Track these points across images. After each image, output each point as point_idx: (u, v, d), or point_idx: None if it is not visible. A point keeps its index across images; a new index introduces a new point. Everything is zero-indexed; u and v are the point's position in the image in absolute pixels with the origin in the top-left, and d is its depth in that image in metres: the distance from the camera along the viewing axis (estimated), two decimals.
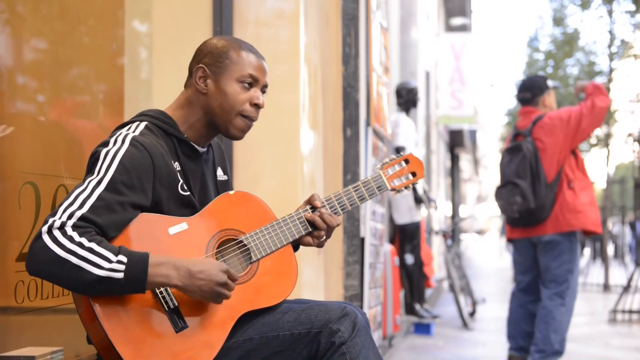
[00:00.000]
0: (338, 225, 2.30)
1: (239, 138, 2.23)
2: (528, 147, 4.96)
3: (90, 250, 1.86)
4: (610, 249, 22.13)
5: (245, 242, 2.17)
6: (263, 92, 2.24)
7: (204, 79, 2.19)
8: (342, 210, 2.33)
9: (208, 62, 2.19)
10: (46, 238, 1.86)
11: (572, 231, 4.90)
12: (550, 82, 5.25)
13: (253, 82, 2.20)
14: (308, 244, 2.30)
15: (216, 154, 2.36)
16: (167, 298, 2.00)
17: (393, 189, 2.43)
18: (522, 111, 5.23)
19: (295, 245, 2.33)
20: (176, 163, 2.14)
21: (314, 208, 2.29)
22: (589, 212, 4.90)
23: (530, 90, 5.20)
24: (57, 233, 1.86)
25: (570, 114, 4.94)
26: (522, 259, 5.17)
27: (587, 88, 5.05)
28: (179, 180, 2.13)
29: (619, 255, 20.58)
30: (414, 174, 2.47)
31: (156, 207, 2.06)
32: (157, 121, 2.15)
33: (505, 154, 5.21)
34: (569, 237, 4.93)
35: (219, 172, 2.35)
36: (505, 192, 5.00)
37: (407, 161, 2.46)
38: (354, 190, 2.35)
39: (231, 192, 2.25)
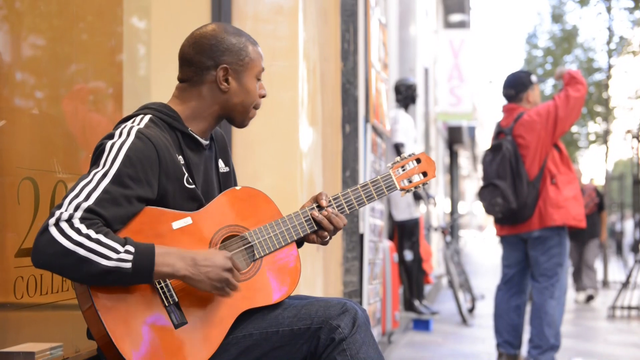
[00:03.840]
0: (345, 225, 2.29)
1: (243, 126, 2.30)
2: (507, 146, 4.97)
3: (98, 241, 1.86)
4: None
5: (249, 239, 2.16)
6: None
7: (226, 78, 2.19)
8: (349, 209, 2.31)
9: (229, 60, 2.18)
10: (53, 230, 1.85)
11: (559, 225, 4.92)
12: (534, 78, 5.24)
13: (261, 75, 2.27)
14: (312, 242, 2.30)
15: (218, 145, 2.34)
16: (168, 293, 2.00)
17: (402, 189, 2.39)
18: (506, 108, 5.23)
19: (300, 242, 2.33)
20: (180, 156, 2.13)
21: (320, 206, 2.28)
22: (571, 207, 4.92)
23: (514, 87, 5.19)
24: (64, 225, 1.86)
25: (548, 109, 4.95)
26: (510, 253, 5.20)
27: (564, 77, 5.06)
28: (184, 174, 2.12)
29: (622, 251, 20.54)
30: (424, 174, 2.43)
31: (162, 201, 2.06)
32: (161, 114, 2.15)
33: (487, 152, 5.22)
34: (557, 232, 4.96)
35: (220, 163, 2.33)
36: (487, 193, 5.03)
37: (418, 160, 2.42)
38: (362, 190, 2.33)
39: (237, 188, 2.24)
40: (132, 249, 1.89)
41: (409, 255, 7.38)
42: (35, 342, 2.39)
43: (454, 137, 20.19)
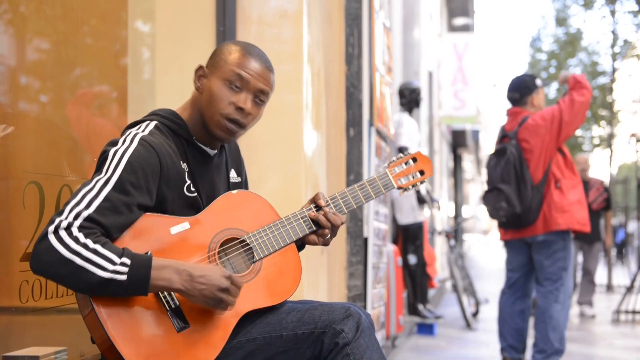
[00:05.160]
0: (342, 223, 2.29)
1: (223, 140, 2.18)
2: (512, 150, 4.96)
3: (95, 251, 1.86)
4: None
5: (248, 241, 2.16)
6: (259, 99, 2.17)
7: (201, 77, 2.19)
8: (347, 208, 2.31)
9: (208, 62, 2.20)
10: (52, 238, 1.86)
11: (564, 230, 4.91)
12: (538, 81, 5.23)
13: (242, 85, 2.13)
14: (313, 243, 2.30)
15: (230, 155, 2.34)
16: (169, 298, 2.00)
17: (400, 188, 2.41)
18: (510, 112, 5.22)
19: (302, 244, 2.33)
20: (184, 164, 2.13)
21: (318, 207, 2.27)
22: (575, 211, 4.92)
23: (519, 91, 5.18)
24: (63, 233, 1.86)
25: (553, 113, 4.95)
26: (514, 257, 5.19)
27: (569, 81, 5.05)
28: (186, 182, 2.12)
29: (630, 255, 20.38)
30: (422, 172, 2.45)
31: (160, 207, 2.06)
32: (167, 121, 2.15)
33: (492, 156, 5.22)
34: (561, 236, 4.95)
35: (232, 173, 2.33)
36: (491, 197, 5.03)
37: (414, 159, 2.45)
38: (359, 189, 2.34)
39: (234, 192, 2.24)
40: (128, 261, 1.89)
41: (413, 259, 7.37)
42: (40, 346, 2.39)
43: (458, 141, 20.19)
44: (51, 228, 1.87)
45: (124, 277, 1.88)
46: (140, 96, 3.42)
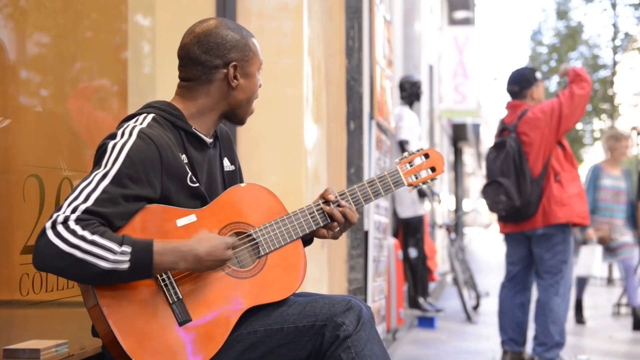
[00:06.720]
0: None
1: (243, 123, 2.30)
2: (511, 143, 4.95)
3: (94, 242, 1.87)
4: None
5: (254, 235, 2.16)
6: None
7: (235, 74, 2.19)
8: (355, 205, 2.31)
9: (237, 57, 2.18)
10: (50, 233, 1.86)
11: (563, 223, 4.91)
12: (538, 74, 5.22)
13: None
14: (323, 237, 2.31)
15: (223, 143, 2.33)
16: (172, 291, 2.00)
17: (410, 185, 2.39)
18: (510, 105, 5.21)
19: (310, 238, 2.33)
20: (183, 155, 2.13)
21: (327, 202, 2.27)
22: (575, 204, 4.92)
23: (518, 84, 5.17)
24: (60, 228, 1.87)
25: (553, 107, 4.94)
26: (514, 250, 5.20)
27: (569, 74, 5.04)
28: (187, 172, 2.11)
29: None
30: (433, 169, 2.42)
31: (165, 200, 2.06)
32: (164, 113, 2.14)
33: (491, 150, 5.21)
34: (561, 229, 4.95)
35: (226, 162, 2.33)
36: (490, 190, 5.03)
37: (426, 155, 2.42)
38: (369, 186, 2.33)
39: (242, 185, 2.24)
40: (128, 248, 1.90)
41: (413, 252, 7.38)
42: (40, 339, 2.40)
43: (459, 135, 20.17)
44: (49, 224, 1.88)
45: (125, 266, 1.89)
46: (140, 90, 3.42)
